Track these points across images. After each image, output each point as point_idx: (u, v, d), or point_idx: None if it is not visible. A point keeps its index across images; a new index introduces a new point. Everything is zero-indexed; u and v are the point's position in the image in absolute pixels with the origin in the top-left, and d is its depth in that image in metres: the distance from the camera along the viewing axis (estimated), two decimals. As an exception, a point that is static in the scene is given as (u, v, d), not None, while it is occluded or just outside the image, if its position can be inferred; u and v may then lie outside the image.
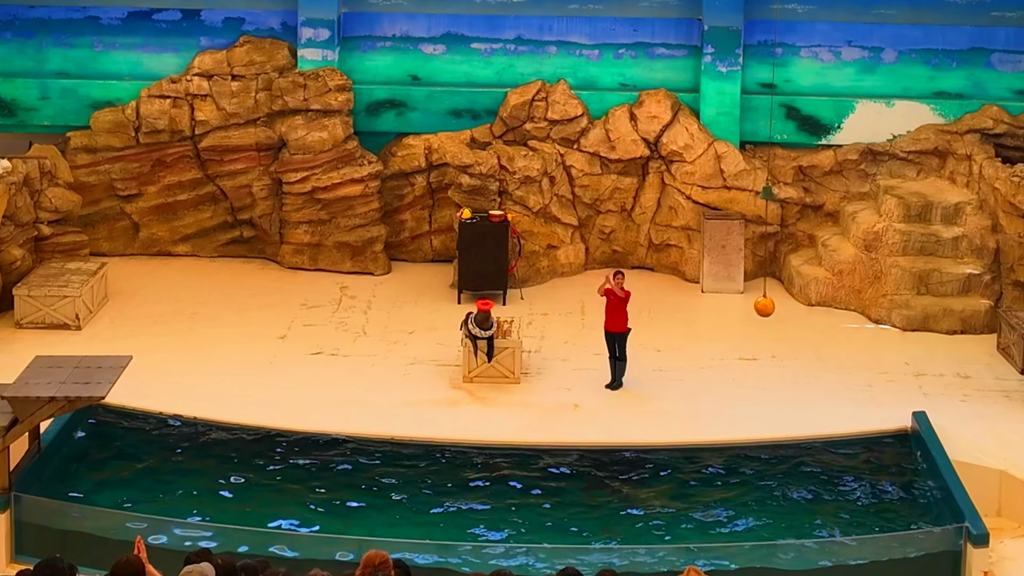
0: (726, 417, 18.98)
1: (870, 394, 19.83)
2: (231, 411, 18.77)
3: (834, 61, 24.34)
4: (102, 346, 19.77)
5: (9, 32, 24.72)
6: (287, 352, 20.88)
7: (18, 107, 24.57)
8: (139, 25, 24.62)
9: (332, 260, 24.06)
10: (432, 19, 24.66)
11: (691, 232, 23.90)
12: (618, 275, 19.95)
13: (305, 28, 24.29)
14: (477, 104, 24.50)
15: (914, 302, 22.12)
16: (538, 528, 16.86)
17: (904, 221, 22.59)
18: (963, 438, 18.16)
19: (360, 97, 24.38)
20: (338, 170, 23.85)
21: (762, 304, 19.66)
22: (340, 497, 17.36)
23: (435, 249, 24.61)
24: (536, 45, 24.64)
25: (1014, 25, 24.02)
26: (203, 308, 22.38)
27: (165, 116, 23.97)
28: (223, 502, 17.17)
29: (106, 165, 24.17)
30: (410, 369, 20.38)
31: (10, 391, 15.92)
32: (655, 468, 18.04)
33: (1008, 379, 20.35)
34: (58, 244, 22.73)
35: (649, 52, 24.57)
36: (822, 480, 17.92)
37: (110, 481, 17.57)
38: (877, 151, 23.87)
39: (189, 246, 24.50)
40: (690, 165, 23.88)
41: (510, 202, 23.55)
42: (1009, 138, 23.54)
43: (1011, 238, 21.91)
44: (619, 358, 19.79)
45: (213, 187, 24.35)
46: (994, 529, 16.48)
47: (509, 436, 18.46)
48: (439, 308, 22.47)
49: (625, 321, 19.73)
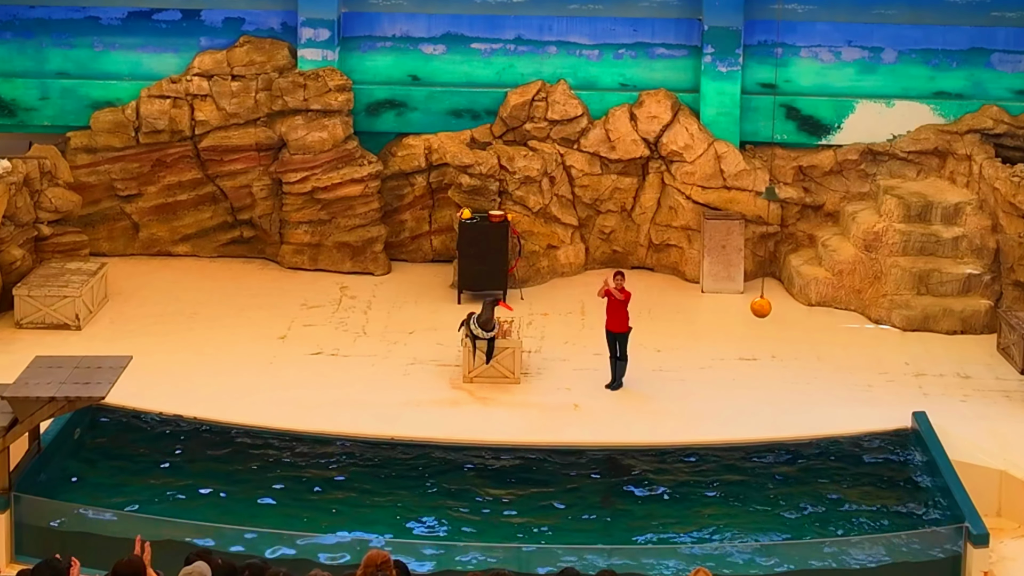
0: (726, 417, 18.97)
1: (870, 394, 19.83)
2: (231, 411, 18.77)
3: (834, 61, 24.34)
4: (102, 346, 19.78)
5: (9, 32, 24.71)
6: (287, 352, 20.88)
7: (18, 107, 24.57)
8: (139, 25, 24.62)
9: (332, 260, 24.05)
10: (432, 19, 24.65)
11: (691, 232, 23.90)
12: (618, 275, 19.94)
13: (305, 28, 24.28)
14: (477, 104, 24.49)
15: (914, 302, 22.12)
16: (537, 528, 16.85)
17: (904, 221, 22.59)
18: (963, 438, 18.15)
19: (360, 97, 24.37)
20: (338, 170, 23.85)
21: (758, 305, 19.65)
22: (340, 497, 17.35)
23: (435, 249, 24.61)
24: (536, 45, 24.64)
25: (1014, 25, 24.01)
26: (203, 308, 22.38)
27: (165, 116, 23.97)
28: (223, 502, 17.15)
29: (106, 165, 24.17)
30: (410, 369, 20.38)
31: (10, 391, 15.92)
32: (655, 468, 18.04)
33: (1008, 379, 20.35)
34: (58, 244, 22.73)
35: (649, 52, 24.57)
36: (822, 480, 17.91)
37: (110, 481, 17.56)
38: (877, 151, 23.87)
39: (189, 246, 24.50)
40: (690, 165, 23.88)
41: (510, 202, 23.54)
42: (1009, 138, 23.54)
43: (1011, 238, 21.90)
44: (620, 358, 19.79)
45: (213, 187, 24.35)
46: (994, 529, 16.47)
47: (509, 436, 18.44)
48: (439, 308, 22.47)
49: (626, 321, 19.73)
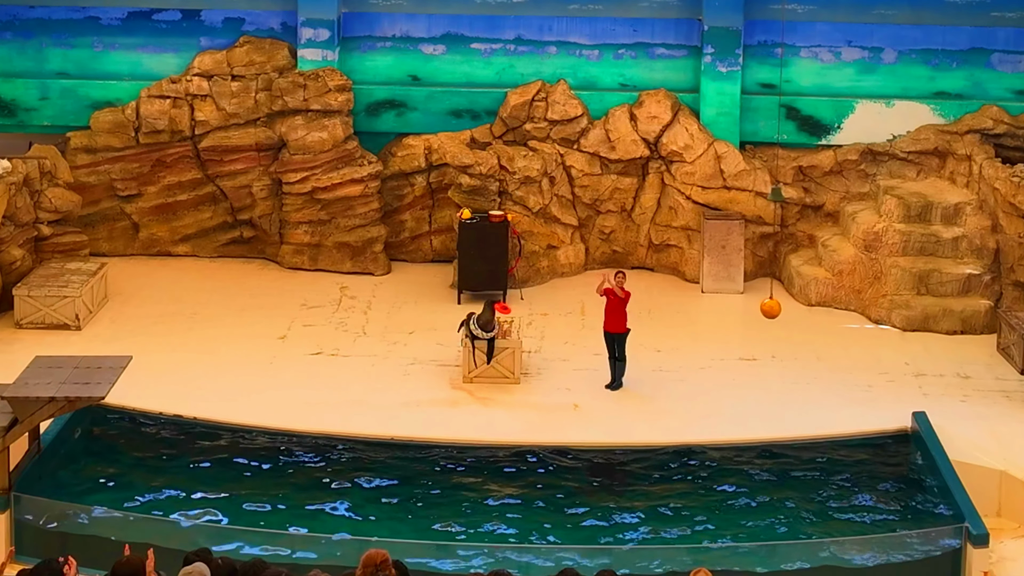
0: (726, 417, 18.97)
1: (870, 394, 19.83)
2: (231, 411, 18.76)
3: (834, 61, 24.34)
4: (102, 346, 19.78)
5: (9, 32, 24.71)
6: (287, 352, 20.88)
7: (18, 107, 24.57)
8: (139, 25, 24.62)
9: (332, 260, 24.05)
10: (432, 19, 24.65)
11: (691, 232, 23.90)
12: (619, 275, 19.93)
13: (305, 28, 24.28)
14: (477, 104, 24.49)
15: (914, 302, 22.11)
16: (537, 528, 16.85)
17: (904, 221, 22.59)
18: (963, 438, 18.14)
19: (360, 97, 24.37)
20: (338, 170, 23.85)
21: (768, 306, 19.57)
22: (339, 497, 17.35)
23: (435, 249, 24.61)
24: (536, 45, 24.64)
25: (1014, 25, 24.01)
26: (203, 308, 22.38)
27: (165, 116, 23.97)
28: (222, 502, 17.14)
29: (106, 165, 24.17)
30: (410, 369, 20.38)
31: (10, 391, 15.92)
32: (655, 468, 18.04)
33: (1008, 379, 20.34)
34: (58, 244, 22.72)
35: (649, 52, 24.57)
36: (822, 480, 17.91)
37: (110, 481, 17.54)
38: (877, 151, 23.87)
39: (189, 246, 24.49)
40: (690, 165, 23.88)
41: (510, 202, 23.54)
42: (1009, 138, 23.54)
43: (1011, 238, 21.90)
44: (618, 358, 19.78)
45: (213, 187, 24.34)
46: (994, 529, 16.47)
47: (509, 436, 18.44)
48: (439, 308, 22.46)
49: (624, 321, 19.71)
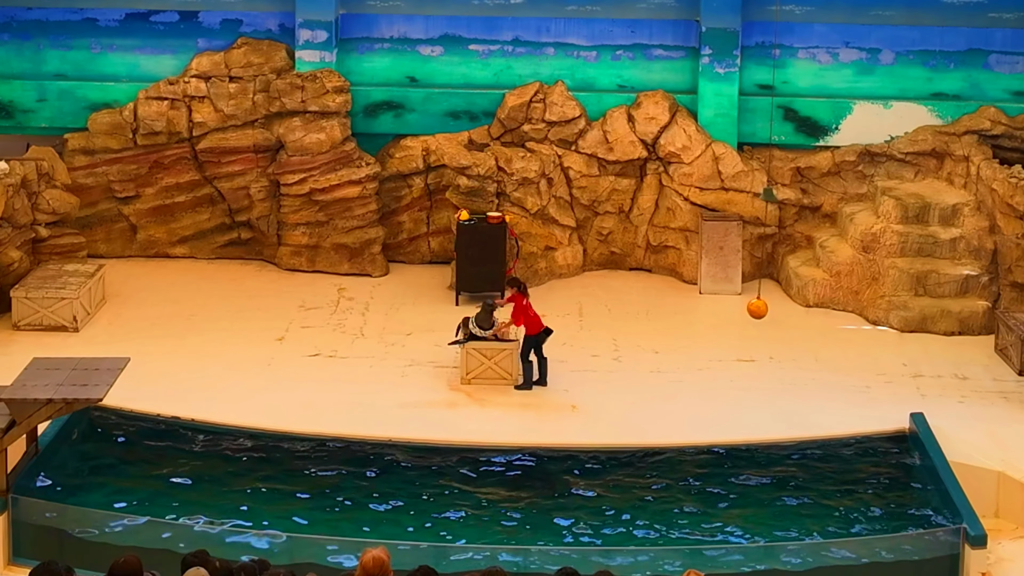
0: (724, 418, 18.96)
1: (868, 395, 19.83)
2: (229, 413, 18.75)
3: (832, 62, 24.36)
4: (100, 348, 19.75)
5: (7, 34, 24.71)
6: (285, 354, 20.87)
7: (16, 109, 24.57)
8: (137, 27, 24.62)
9: (330, 262, 24.05)
10: (430, 21, 24.66)
11: (689, 233, 23.91)
12: (509, 284, 20.16)
13: (303, 30, 24.29)
14: (475, 105, 24.50)
15: (912, 303, 22.12)
16: (536, 528, 16.85)
17: (902, 222, 22.60)
18: (961, 439, 18.14)
19: (358, 99, 24.38)
20: (336, 172, 23.85)
21: (755, 306, 19.62)
22: (338, 498, 17.35)
23: (433, 251, 24.61)
24: (534, 47, 24.65)
25: (1011, 26, 24.03)
26: (201, 310, 22.37)
27: (163, 118, 23.97)
28: (220, 503, 17.13)
29: (104, 167, 24.17)
30: (408, 370, 20.38)
31: (8, 393, 15.90)
32: (653, 469, 18.04)
33: (1006, 380, 20.35)
34: (56, 246, 22.72)
35: (647, 53, 24.58)
36: (820, 481, 17.90)
37: (108, 483, 17.54)
38: (875, 152, 23.89)
39: (187, 248, 24.49)
40: (688, 166, 23.89)
41: (508, 203, 23.54)
42: (1007, 139, 23.56)
43: (1009, 239, 21.91)
44: (541, 357, 19.82)
45: (211, 189, 24.34)
46: (992, 530, 16.47)
47: (507, 438, 18.43)
48: (437, 310, 22.46)
49: (539, 322, 19.79)
